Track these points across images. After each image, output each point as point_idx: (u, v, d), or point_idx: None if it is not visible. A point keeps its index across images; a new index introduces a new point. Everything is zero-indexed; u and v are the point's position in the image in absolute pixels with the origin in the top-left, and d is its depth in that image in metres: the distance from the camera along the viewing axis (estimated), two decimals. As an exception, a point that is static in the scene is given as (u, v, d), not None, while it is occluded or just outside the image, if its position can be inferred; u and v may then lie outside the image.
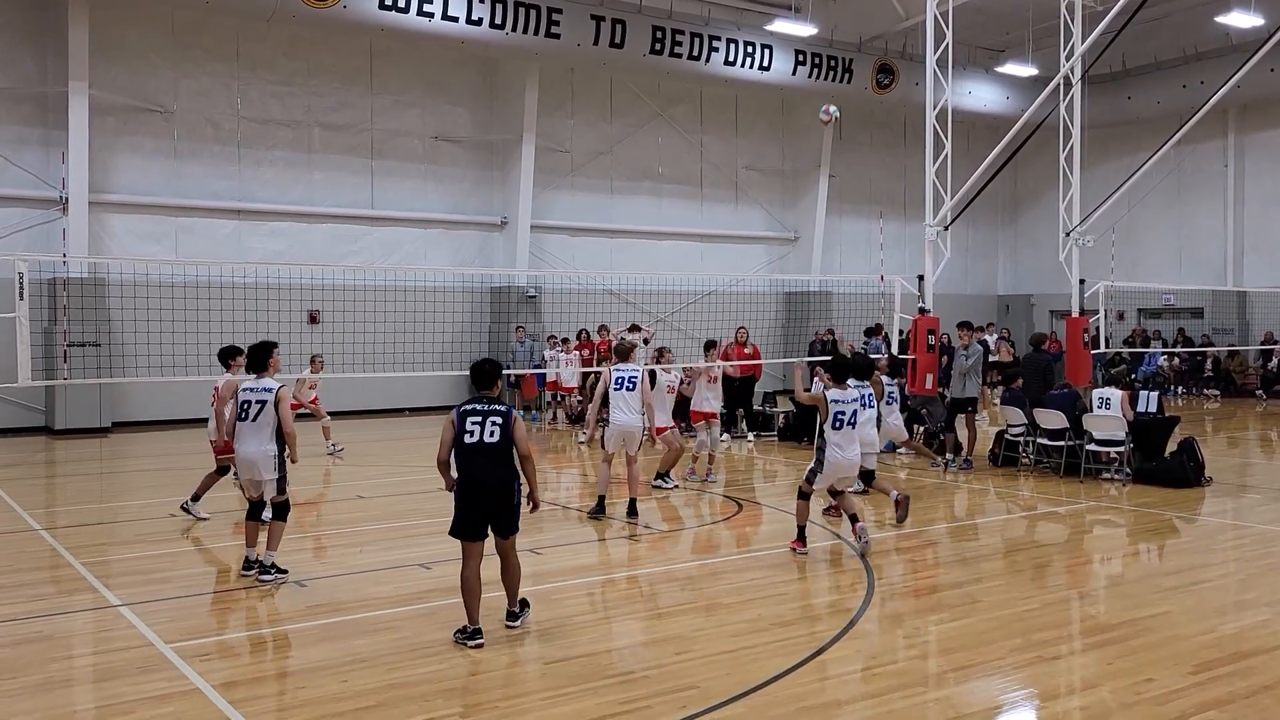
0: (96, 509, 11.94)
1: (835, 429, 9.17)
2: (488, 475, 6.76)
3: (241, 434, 8.39)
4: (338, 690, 6.01)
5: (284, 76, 21.90)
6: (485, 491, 6.77)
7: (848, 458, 9.25)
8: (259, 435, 8.34)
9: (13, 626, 7.29)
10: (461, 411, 6.82)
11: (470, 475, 6.77)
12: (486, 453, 6.74)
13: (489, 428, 6.75)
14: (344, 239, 22.55)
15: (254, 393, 8.39)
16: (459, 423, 6.77)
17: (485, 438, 6.73)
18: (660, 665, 6.38)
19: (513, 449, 6.83)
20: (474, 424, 6.76)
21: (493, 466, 6.76)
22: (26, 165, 19.52)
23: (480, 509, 6.79)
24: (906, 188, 29.90)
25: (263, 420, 8.32)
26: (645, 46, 22.93)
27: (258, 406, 8.34)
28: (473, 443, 6.74)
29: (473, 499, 6.78)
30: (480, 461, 6.75)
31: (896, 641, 7.08)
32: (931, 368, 14.95)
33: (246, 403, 8.37)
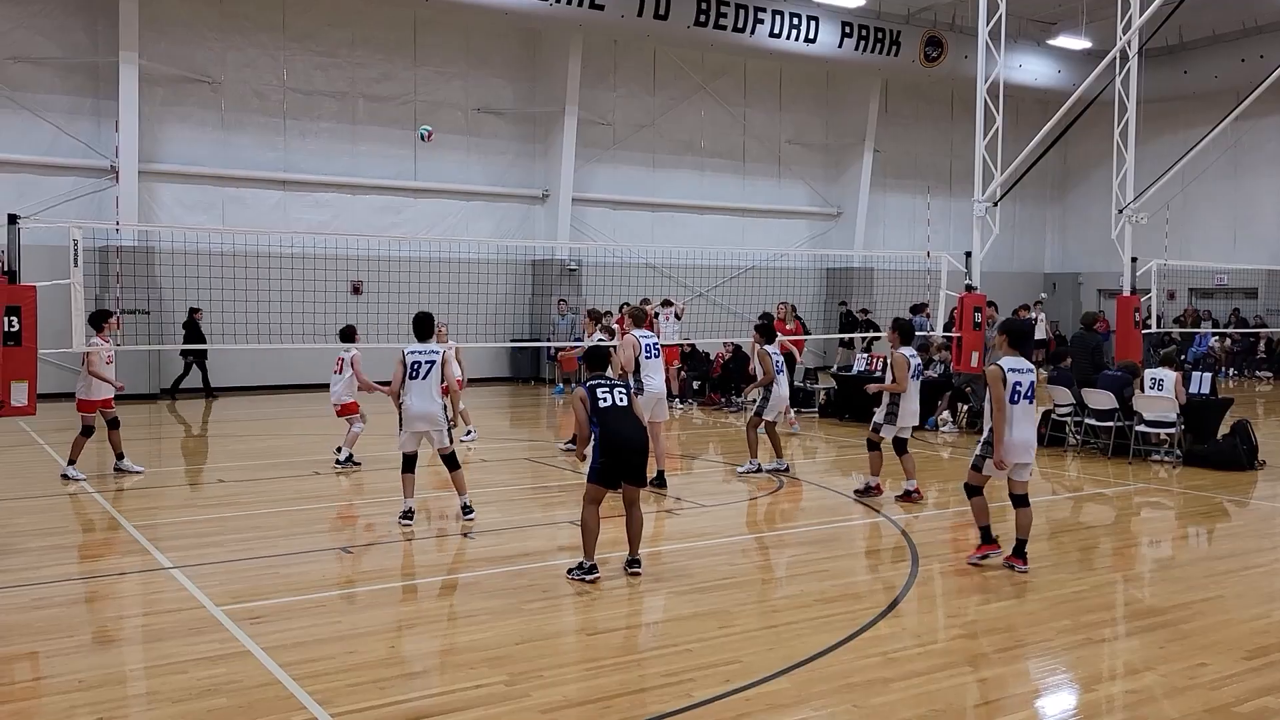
0: (147, 473, 12.14)
1: (1013, 403, 7.95)
2: (632, 433, 7.56)
3: (413, 391, 9.24)
4: (384, 655, 6.09)
5: (329, 48, 21.98)
6: (631, 447, 7.51)
7: (1026, 438, 8.07)
8: (430, 392, 9.25)
9: (68, 586, 7.45)
10: (589, 387, 7.64)
11: (617, 432, 7.48)
12: (626, 414, 7.58)
13: (618, 395, 7.62)
14: (387, 210, 22.66)
15: (423, 354, 9.32)
16: (591, 395, 7.55)
17: (616, 402, 7.57)
18: (702, 639, 6.39)
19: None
20: (604, 393, 7.57)
21: (633, 425, 7.61)
22: (78, 134, 19.79)
23: (624, 461, 7.50)
24: (953, 162, 29.49)
25: (432, 378, 9.29)
26: (689, 18, 22.73)
27: (428, 366, 9.29)
28: (608, 405, 7.52)
29: (617, 453, 7.48)
30: (622, 421, 7.53)
31: (940, 621, 7.03)
32: (977, 345, 14.77)
33: (417, 364, 9.27)
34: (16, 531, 9.02)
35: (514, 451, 13.87)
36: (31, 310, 8.56)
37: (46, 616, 6.75)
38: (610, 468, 7.52)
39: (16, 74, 19.29)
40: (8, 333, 8.16)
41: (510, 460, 13.13)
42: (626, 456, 7.52)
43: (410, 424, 9.35)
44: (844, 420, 17.42)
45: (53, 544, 8.64)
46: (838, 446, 14.97)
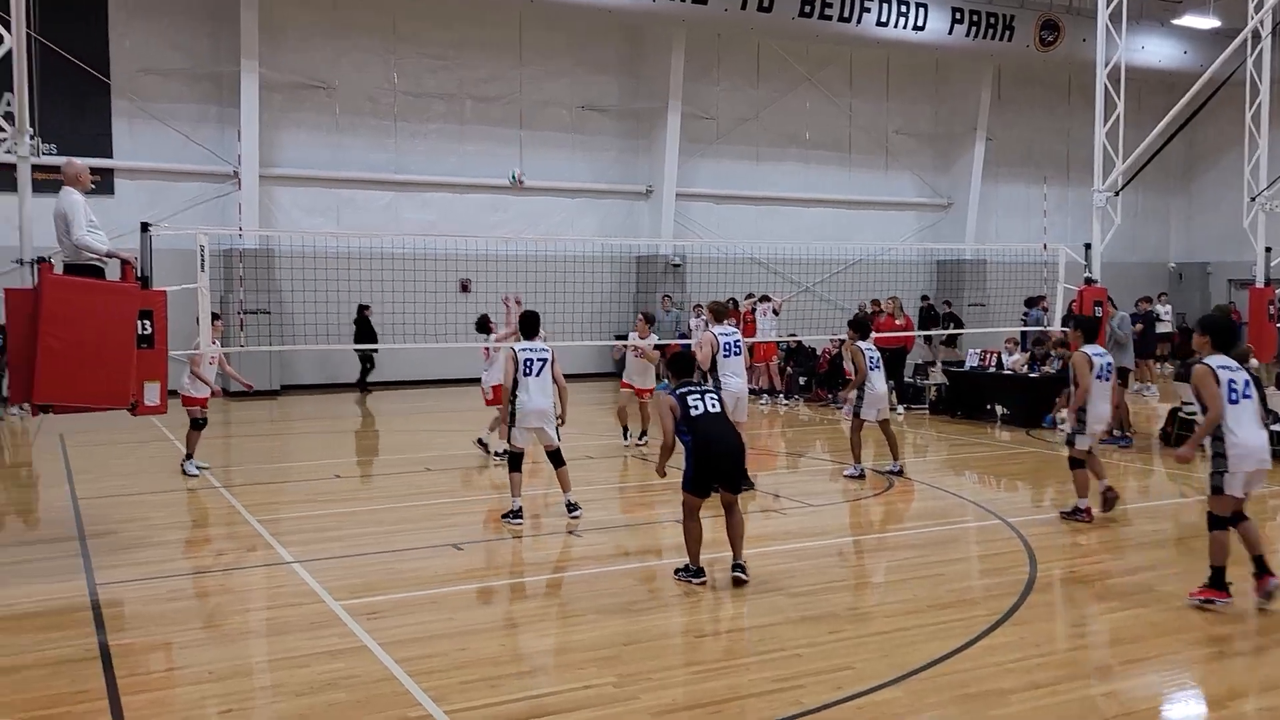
0: (269, 468, 12.61)
1: (1233, 403, 6.87)
2: (726, 438, 7.45)
3: (529, 388, 9.37)
4: (496, 653, 6.19)
5: (437, 50, 22.41)
6: (725, 452, 7.40)
7: (1258, 440, 6.92)
8: (545, 389, 9.44)
9: (199, 579, 7.79)
10: (679, 395, 7.50)
11: (710, 439, 7.37)
12: (717, 420, 7.45)
13: (709, 401, 7.50)
14: (493, 208, 23.01)
15: (534, 352, 9.48)
16: (681, 403, 7.43)
17: (709, 408, 7.45)
18: (812, 644, 6.32)
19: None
20: (695, 400, 7.46)
21: (727, 431, 7.51)
22: (204, 142, 20.62)
23: (718, 468, 7.39)
24: (1070, 150, 28.48)
25: (545, 374, 9.46)
26: (794, 9, 22.46)
27: (540, 364, 9.45)
28: (701, 413, 7.40)
29: (711, 459, 7.36)
30: (715, 428, 7.41)
31: (1061, 629, 6.82)
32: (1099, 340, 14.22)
33: (529, 361, 9.42)
34: (152, 525, 9.47)
35: (619, 448, 13.94)
36: (162, 314, 8.94)
37: (180, 608, 7.07)
38: (704, 475, 7.41)
39: (147, 85, 20.19)
40: (141, 336, 8.54)
41: (615, 457, 13.21)
42: (720, 463, 7.41)
43: (525, 419, 9.45)
44: (956, 417, 17.01)
45: (184, 538, 9.05)
46: (949, 445, 14.64)
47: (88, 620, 6.75)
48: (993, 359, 17.06)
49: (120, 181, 20.00)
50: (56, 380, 7.94)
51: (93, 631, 6.53)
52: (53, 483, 11.75)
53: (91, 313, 8.10)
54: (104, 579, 7.65)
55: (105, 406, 8.53)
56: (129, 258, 8.75)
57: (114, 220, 16.11)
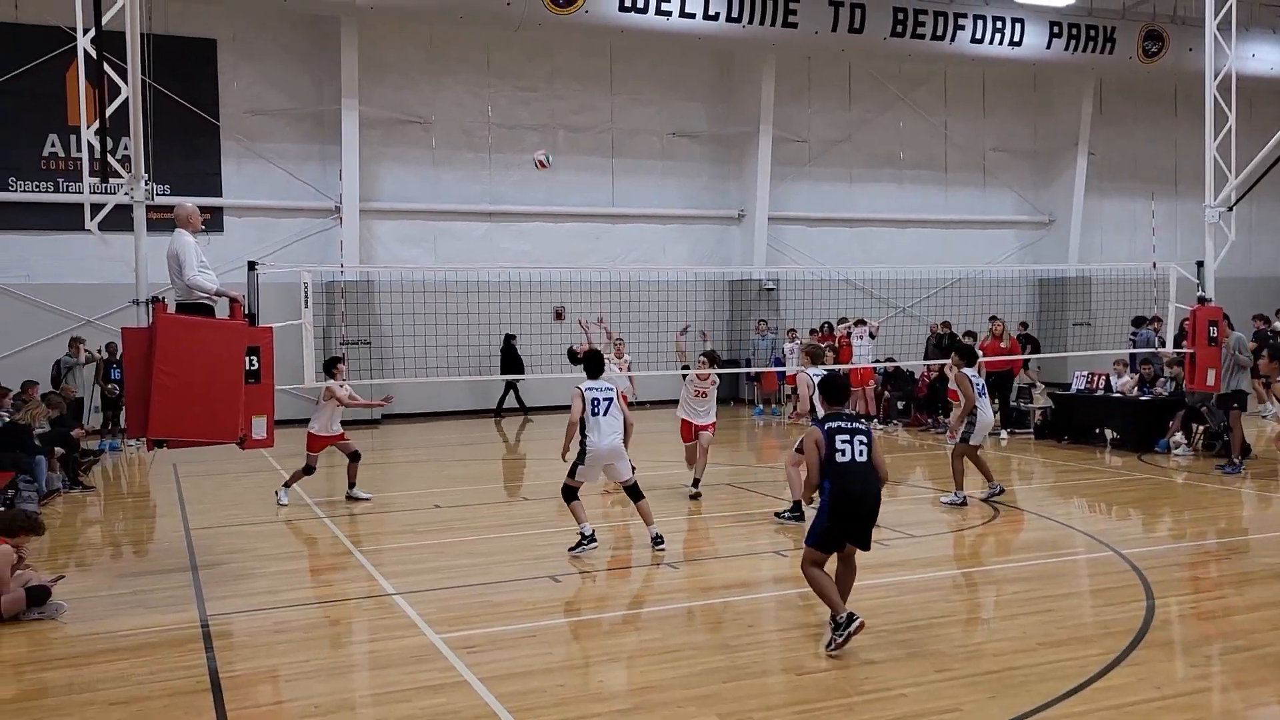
0: (371, 502, 12.84)
1: None
2: (869, 496, 6.73)
3: (599, 427, 9.37)
4: (594, 689, 6.16)
5: (529, 82, 22.79)
6: (864, 512, 6.73)
7: None
8: (615, 426, 9.46)
9: (304, 610, 7.95)
10: (829, 430, 6.75)
11: (852, 494, 6.68)
12: (865, 471, 6.73)
13: (858, 446, 6.73)
14: (586, 237, 23.22)
15: (601, 391, 9.50)
16: (828, 441, 6.70)
17: (856, 456, 6.70)
18: (918, 683, 6.13)
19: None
20: (843, 443, 6.71)
21: (870, 486, 6.75)
22: (306, 178, 21.31)
23: (852, 529, 6.73)
24: (1178, 163, 27.50)
25: (613, 412, 9.48)
26: (886, 29, 22.23)
27: (606, 402, 9.46)
28: (847, 461, 6.68)
29: (849, 518, 6.69)
30: (859, 481, 6.70)
31: (1182, 670, 6.48)
32: (1213, 362, 13.66)
33: (596, 400, 9.43)
34: (259, 555, 9.72)
35: (715, 476, 13.84)
36: (269, 350, 9.22)
37: (286, 639, 7.21)
38: (837, 531, 6.73)
39: (253, 126, 20.97)
40: (249, 371, 8.81)
41: (711, 485, 13.11)
42: (858, 523, 6.74)
43: (596, 458, 9.37)
44: (1062, 442, 16.48)
45: (290, 569, 9.26)
46: (1057, 471, 14.17)
47: (200, 650, 6.94)
48: (1100, 381, 16.50)
49: (229, 219, 20.78)
50: (170, 416, 8.23)
51: (204, 662, 6.71)
52: (167, 513, 12.18)
53: (202, 350, 8.38)
54: (215, 610, 7.87)
55: (215, 441, 8.81)
56: (237, 296, 9.05)
57: (223, 256, 16.82)
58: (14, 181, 19.41)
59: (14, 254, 19.45)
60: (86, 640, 7.24)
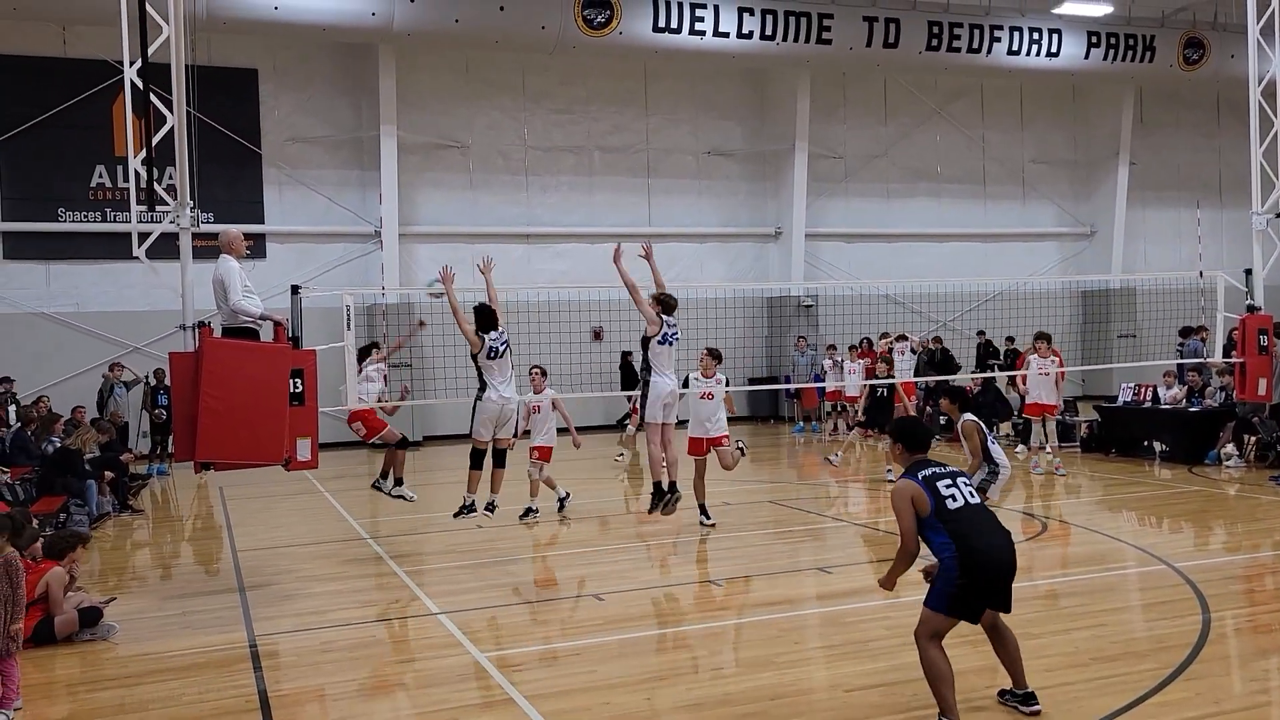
0: (413, 519, 12.92)
1: None
2: (1000, 540, 5.53)
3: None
4: (640, 708, 6.12)
5: (564, 105, 22.96)
6: (1002, 562, 5.49)
7: None
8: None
9: (349, 630, 7.99)
10: (924, 478, 5.57)
11: (979, 545, 5.43)
12: (983, 514, 5.56)
13: (965, 488, 5.56)
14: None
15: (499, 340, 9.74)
16: (931, 492, 5.51)
17: (968, 498, 5.54)
18: (966, 699, 6.02)
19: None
20: (948, 487, 5.53)
21: (998, 530, 5.57)
22: (347, 204, 21.59)
23: (992, 587, 5.49)
24: (1222, 171, 27.11)
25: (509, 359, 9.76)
26: (921, 43, 22.16)
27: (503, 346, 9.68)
28: (961, 505, 5.49)
29: (988, 571, 5.45)
30: (984, 526, 5.51)
31: (1240, 685, 6.33)
32: (1264, 371, 13.41)
33: (493, 348, 9.78)
34: (305, 576, 9.80)
35: (755, 494, 13.77)
36: (313, 373, 9.32)
37: (333, 659, 7.25)
38: (974, 591, 5.45)
39: (294, 153, 21.30)
40: (293, 394, 8.91)
41: (752, 503, 13.04)
42: (997, 578, 5.49)
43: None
44: (1110, 455, 16.22)
45: (336, 589, 9.31)
46: (1105, 484, 13.94)
47: (248, 670, 7.00)
48: (1147, 393, 16.23)
49: (272, 245, 21.08)
50: (216, 439, 8.34)
51: (253, 682, 6.76)
52: (214, 535, 12.32)
53: (247, 373, 8.50)
54: (262, 630, 7.94)
55: (261, 463, 8.90)
56: (281, 320, 9.16)
57: (266, 281, 17.03)
58: (63, 212, 19.85)
59: (64, 283, 19.87)
60: (137, 661, 7.32)
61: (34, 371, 18.71)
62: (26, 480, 12.72)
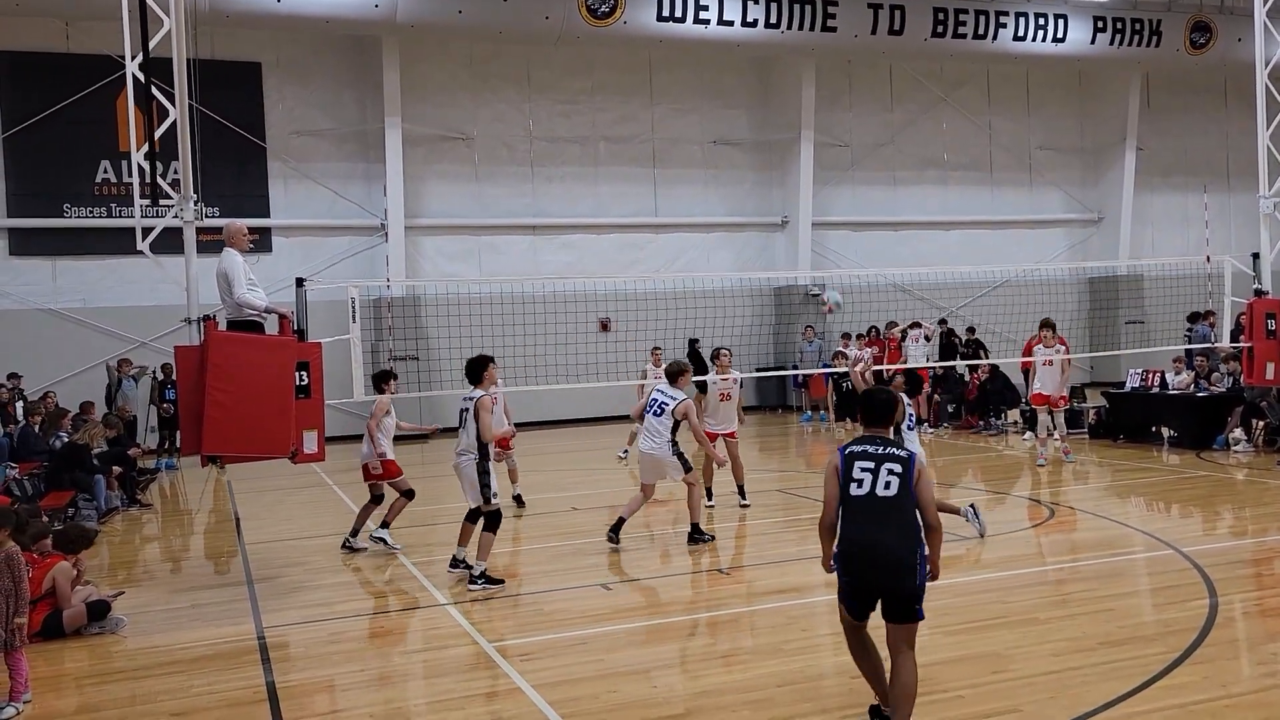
0: (420, 510, 12.91)
1: None
2: (878, 539, 5.14)
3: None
4: (647, 695, 6.13)
5: (570, 96, 22.92)
6: (875, 562, 5.16)
7: None
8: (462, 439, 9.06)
9: (359, 621, 8.02)
10: (848, 454, 5.30)
11: (861, 537, 5.18)
12: (882, 511, 5.16)
13: (884, 477, 5.19)
14: (630, 247, 23.27)
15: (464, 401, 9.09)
16: (845, 467, 5.26)
17: (878, 489, 5.18)
18: (975, 684, 6.03)
19: (914, 508, 5.19)
20: (864, 470, 5.21)
21: (884, 528, 5.14)
22: (352, 197, 21.60)
23: (866, 582, 5.22)
24: (1230, 155, 26.96)
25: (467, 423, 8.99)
26: (926, 30, 22.08)
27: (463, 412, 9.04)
28: (861, 494, 5.19)
29: (858, 569, 5.22)
30: (869, 520, 5.17)
31: (1248, 668, 6.31)
32: (1272, 355, 13.35)
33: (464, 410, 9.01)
34: (312, 569, 9.83)
35: (764, 483, 13.76)
36: (318, 365, 9.32)
37: (341, 650, 7.28)
38: (846, 586, 5.29)
39: (299, 147, 21.31)
40: (299, 386, 8.92)
41: (760, 492, 13.02)
42: (861, 578, 5.20)
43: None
44: (1118, 441, 16.18)
45: (343, 581, 9.34)
46: (1113, 470, 13.90)
47: (256, 662, 7.02)
48: (1155, 379, 16.18)
49: (277, 239, 21.11)
50: (223, 432, 8.35)
51: (261, 673, 6.78)
52: (222, 529, 12.36)
53: (253, 366, 8.50)
54: (270, 622, 7.96)
55: (268, 456, 8.92)
56: (286, 312, 9.17)
57: (272, 275, 17.07)
58: (69, 208, 19.90)
59: (71, 279, 19.93)
60: (146, 653, 7.35)
61: (41, 367, 18.78)
62: (35, 475, 12.78)
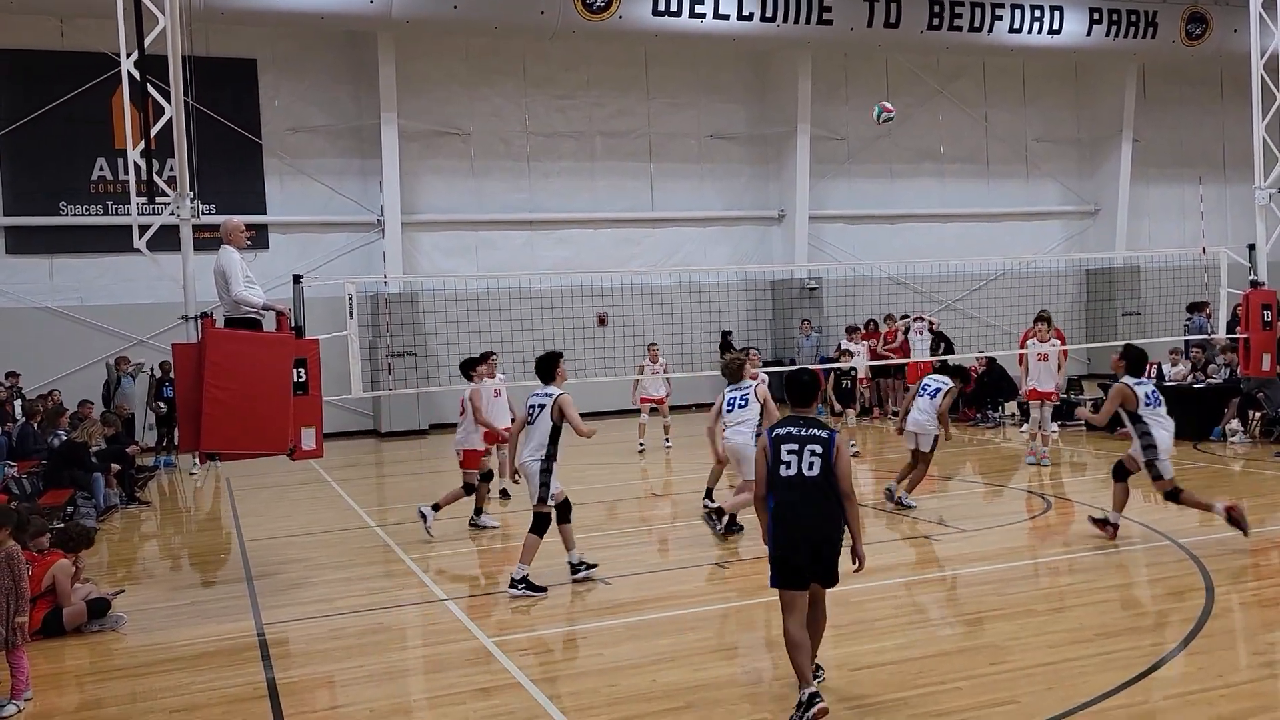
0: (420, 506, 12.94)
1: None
2: (808, 515, 5.59)
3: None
4: (646, 689, 6.15)
5: (566, 90, 22.89)
6: (799, 539, 5.59)
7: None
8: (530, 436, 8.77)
9: (358, 617, 8.03)
10: (775, 436, 5.69)
11: (790, 515, 5.60)
12: (805, 489, 5.57)
13: (808, 458, 5.58)
14: (627, 242, 23.26)
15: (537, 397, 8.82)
16: (773, 450, 5.66)
17: (804, 470, 5.57)
18: (973, 676, 6.06)
19: (832, 482, 5.57)
20: (790, 453, 5.60)
21: (812, 505, 5.58)
22: (348, 193, 21.57)
23: (789, 560, 5.62)
24: (1226, 146, 26.98)
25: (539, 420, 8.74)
26: (922, 22, 22.06)
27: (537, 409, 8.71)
28: (789, 475, 5.58)
29: (790, 543, 5.63)
30: (798, 499, 5.59)
31: (1245, 658, 6.35)
32: (1268, 346, 13.39)
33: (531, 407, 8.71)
34: (312, 565, 9.85)
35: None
36: (316, 361, 9.34)
37: (341, 646, 7.29)
38: (778, 561, 5.66)
39: (295, 143, 21.28)
40: (297, 383, 8.93)
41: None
42: (793, 550, 5.60)
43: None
44: (1114, 433, 16.16)
45: (343, 576, 9.36)
46: (1109, 461, 13.86)
47: (256, 659, 7.04)
48: (1152, 370, 16.18)
49: (274, 236, 21.09)
50: (221, 429, 8.36)
51: (261, 670, 6.80)
52: (221, 526, 12.37)
53: (251, 363, 8.51)
54: (270, 618, 7.98)
55: (266, 452, 8.93)
56: (284, 309, 9.18)
57: (269, 272, 17.04)
58: (65, 206, 19.87)
59: (67, 277, 19.90)
60: (146, 651, 7.37)
61: (39, 366, 18.75)
62: (33, 474, 12.78)
